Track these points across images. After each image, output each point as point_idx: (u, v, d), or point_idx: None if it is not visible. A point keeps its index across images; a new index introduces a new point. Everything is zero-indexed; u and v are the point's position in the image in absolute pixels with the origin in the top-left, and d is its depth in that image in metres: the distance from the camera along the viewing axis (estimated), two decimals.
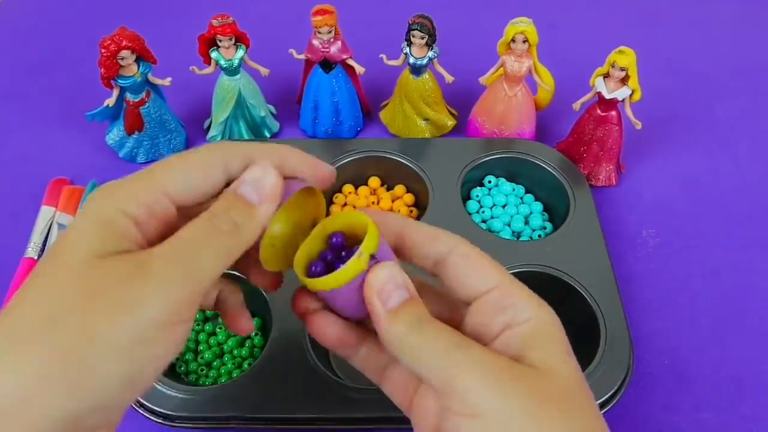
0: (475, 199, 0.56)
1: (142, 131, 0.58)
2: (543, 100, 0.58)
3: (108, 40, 0.52)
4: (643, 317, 0.49)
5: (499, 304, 0.26)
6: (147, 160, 0.60)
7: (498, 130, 0.59)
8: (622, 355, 0.43)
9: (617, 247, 0.53)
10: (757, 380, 0.46)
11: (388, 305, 0.25)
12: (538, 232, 0.54)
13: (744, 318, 0.50)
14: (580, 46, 0.71)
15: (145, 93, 0.56)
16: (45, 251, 0.24)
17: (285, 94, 0.65)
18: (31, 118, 0.65)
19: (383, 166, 0.57)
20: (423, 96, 0.59)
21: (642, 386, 0.45)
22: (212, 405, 0.41)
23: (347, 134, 0.62)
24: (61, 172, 0.59)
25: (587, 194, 0.53)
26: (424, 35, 0.54)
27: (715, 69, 0.71)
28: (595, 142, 0.56)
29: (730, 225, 0.56)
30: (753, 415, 0.44)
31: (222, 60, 0.56)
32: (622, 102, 0.54)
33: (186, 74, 0.58)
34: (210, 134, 0.61)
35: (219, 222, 0.25)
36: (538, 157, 0.56)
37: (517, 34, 0.53)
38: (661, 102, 0.65)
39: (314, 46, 0.57)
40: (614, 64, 0.51)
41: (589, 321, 0.45)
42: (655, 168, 0.60)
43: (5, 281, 0.50)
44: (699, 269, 0.53)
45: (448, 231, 0.28)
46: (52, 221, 0.54)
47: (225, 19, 0.54)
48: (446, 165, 0.55)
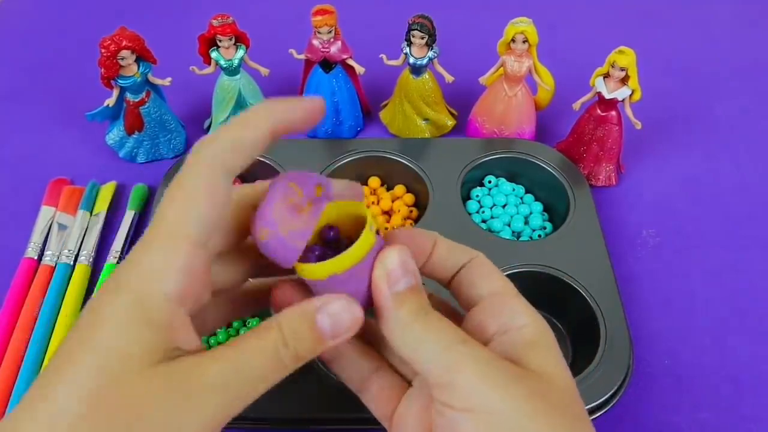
0: (475, 199, 0.56)
1: (142, 131, 0.58)
2: (543, 100, 0.58)
3: (108, 40, 0.52)
4: (643, 317, 0.49)
5: (497, 309, 0.27)
6: (147, 160, 0.60)
7: (498, 130, 0.59)
8: (622, 355, 0.43)
9: (617, 247, 0.53)
10: (757, 380, 0.46)
11: (395, 289, 0.25)
12: (538, 232, 0.54)
13: (744, 318, 0.50)
14: (580, 46, 0.71)
15: (145, 93, 0.56)
16: (77, 334, 0.22)
17: (285, 94, 0.64)
18: (31, 118, 0.65)
19: (383, 166, 0.57)
20: (423, 96, 0.59)
21: (642, 386, 0.45)
22: None
23: (347, 134, 0.62)
24: (61, 172, 0.59)
25: (587, 194, 0.53)
26: (424, 35, 0.54)
27: (715, 69, 0.71)
28: (595, 142, 0.56)
29: (730, 225, 0.56)
30: (753, 415, 0.44)
31: (222, 60, 0.56)
32: (622, 102, 0.54)
33: (186, 74, 0.58)
34: None
35: (285, 356, 0.23)
36: (538, 157, 0.56)
37: (517, 34, 0.53)
38: (661, 102, 0.65)
39: (314, 46, 0.57)
40: (614, 64, 0.51)
41: (589, 321, 0.45)
42: (655, 168, 0.60)
43: (5, 281, 0.50)
44: (699, 269, 0.53)
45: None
46: (52, 221, 0.54)
47: (225, 19, 0.54)
48: (446, 165, 0.55)
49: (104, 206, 0.55)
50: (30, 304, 0.49)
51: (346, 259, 0.25)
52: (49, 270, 0.51)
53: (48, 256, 0.52)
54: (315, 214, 0.25)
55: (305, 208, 0.25)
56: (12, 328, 0.48)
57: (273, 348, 0.23)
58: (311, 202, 0.25)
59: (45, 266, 0.51)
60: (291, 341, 0.24)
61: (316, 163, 0.55)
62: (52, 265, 0.51)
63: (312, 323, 0.24)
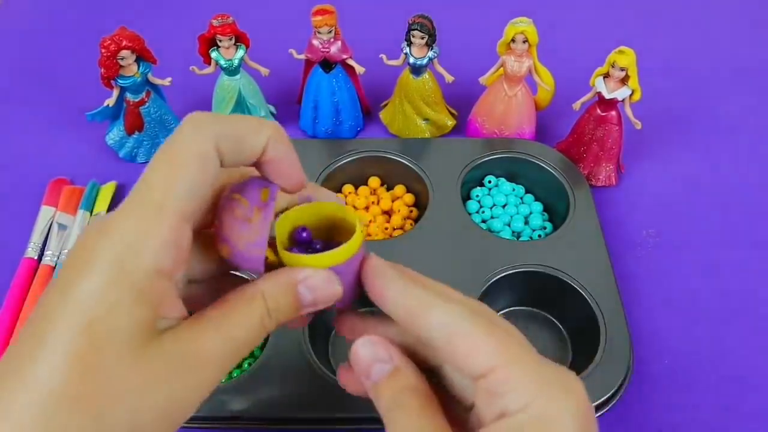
0: (475, 199, 0.56)
1: (142, 131, 0.58)
2: (543, 100, 0.58)
3: (108, 40, 0.52)
4: (643, 317, 0.49)
5: (493, 390, 0.23)
6: (147, 160, 0.60)
7: (498, 130, 0.59)
8: (622, 355, 0.43)
9: (617, 247, 0.53)
10: (757, 380, 0.46)
11: (372, 380, 0.26)
12: (538, 232, 0.54)
13: (744, 318, 0.50)
14: (580, 46, 0.71)
15: (145, 93, 0.56)
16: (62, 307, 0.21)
17: (285, 94, 0.65)
18: (31, 118, 0.65)
19: (383, 166, 0.57)
20: (423, 96, 0.59)
21: (642, 386, 0.45)
22: (212, 405, 0.41)
23: (347, 134, 0.62)
24: (61, 172, 0.59)
25: (587, 194, 0.53)
26: (424, 35, 0.54)
27: (715, 69, 0.71)
28: (595, 142, 0.56)
29: (730, 225, 0.56)
30: (753, 414, 0.44)
31: (222, 60, 0.56)
32: (622, 102, 0.54)
33: (186, 74, 0.58)
34: None
35: (268, 324, 0.24)
36: (538, 157, 0.56)
37: (517, 34, 0.53)
38: (661, 102, 0.65)
39: (314, 46, 0.57)
40: (614, 64, 0.51)
41: (589, 321, 0.45)
42: (655, 168, 0.60)
43: (5, 281, 0.50)
44: (699, 269, 0.53)
45: (440, 306, 0.25)
46: (52, 221, 0.54)
47: (225, 19, 0.54)
48: (446, 165, 0.55)
49: (104, 206, 0.55)
50: (30, 304, 0.49)
51: (344, 252, 0.25)
52: (49, 270, 0.51)
53: (48, 256, 0.52)
54: (265, 220, 0.25)
55: (253, 217, 0.25)
56: (12, 328, 0.48)
57: (259, 318, 0.24)
58: (258, 208, 0.25)
59: (45, 266, 0.51)
60: (273, 311, 0.24)
61: (316, 163, 0.55)
62: (52, 265, 0.51)
63: (295, 294, 0.25)
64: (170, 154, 0.23)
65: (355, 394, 0.28)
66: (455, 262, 0.48)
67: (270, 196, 0.26)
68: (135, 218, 0.22)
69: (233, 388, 0.42)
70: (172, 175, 0.22)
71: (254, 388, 0.42)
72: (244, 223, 0.25)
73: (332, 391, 0.41)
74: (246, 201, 0.25)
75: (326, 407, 0.41)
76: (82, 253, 0.22)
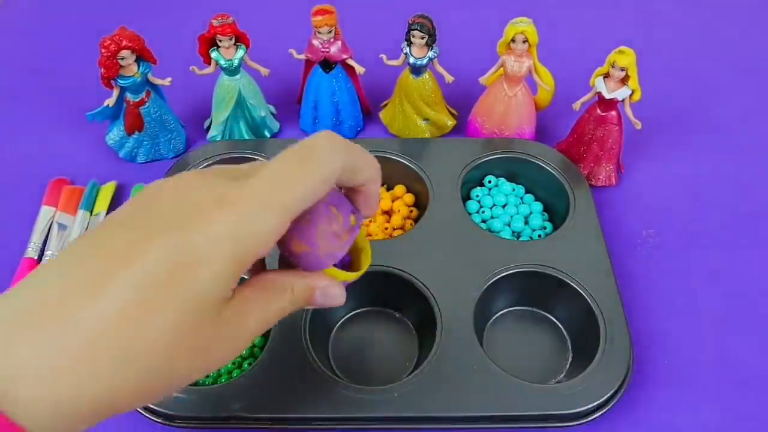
0: (475, 199, 0.56)
1: (142, 131, 0.58)
2: (543, 100, 0.58)
3: (108, 40, 0.52)
4: (643, 317, 0.49)
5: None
6: (147, 160, 0.60)
7: (498, 130, 0.59)
8: (622, 355, 0.43)
9: (617, 247, 0.53)
10: (757, 380, 0.46)
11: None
12: (538, 232, 0.54)
13: (744, 318, 0.50)
14: (580, 46, 0.71)
15: (145, 93, 0.56)
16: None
17: (285, 94, 0.65)
18: (31, 118, 0.65)
19: (383, 166, 0.55)
20: (423, 96, 0.59)
21: (642, 386, 0.45)
22: (212, 405, 0.41)
23: (347, 134, 0.62)
24: (61, 172, 0.59)
25: (587, 194, 0.53)
26: (424, 35, 0.54)
27: (715, 69, 0.71)
28: (595, 142, 0.56)
29: (730, 225, 0.56)
30: (753, 415, 0.44)
31: (222, 60, 0.56)
32: (622, 102, 0.54)
33: (186, 74, 0.58)
34: (210, 134, 0.61)
35: (287, 310, 0.30)
36: (538, 157, 0.56)
37: (517, 34, 0.53)
38: (662, 102, 0.65)
39: (314, 46, 0.57)
40: (614, 64, 0.51)
41: (589, 321, 0.45)
42: (655, 168, 0.60)
43: (5, 281, 0.50)
44: (699, 269, 0.53)
45: None
46: (52, 221, 0.54)
47: (225, 19, 0.54)
48: (446, 165, 0.55)
49: (104, 206, 0.55)
50: None
51: (358, 275, 0.33)
52: None
53: (48, 256, 0.52)
54: (349, 242, 0.31)
55: (343, 236, 0.31)
56: None
57: (284, 307, 0.30)
58: (348, 231, 0.31)
59: None
60: (294, 303, 0.30)
61: None
62: None
63: (312, 295, 0.31)
64: (306, 161, 0.27)
65: None
66: (455, 262, 0.48)
67: (357, 223, 0.32)
68: (259, 205, 0.26)
69: (233, 388, 0.42)
70: (303, 182, 0.27)
71: (254, 388, 0.42)
72: (335, 238, 0.30)
73: (332, 391, 0.41)
74: (341, 218, 0.31)
75: (326, 407, 0.41)
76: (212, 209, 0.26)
